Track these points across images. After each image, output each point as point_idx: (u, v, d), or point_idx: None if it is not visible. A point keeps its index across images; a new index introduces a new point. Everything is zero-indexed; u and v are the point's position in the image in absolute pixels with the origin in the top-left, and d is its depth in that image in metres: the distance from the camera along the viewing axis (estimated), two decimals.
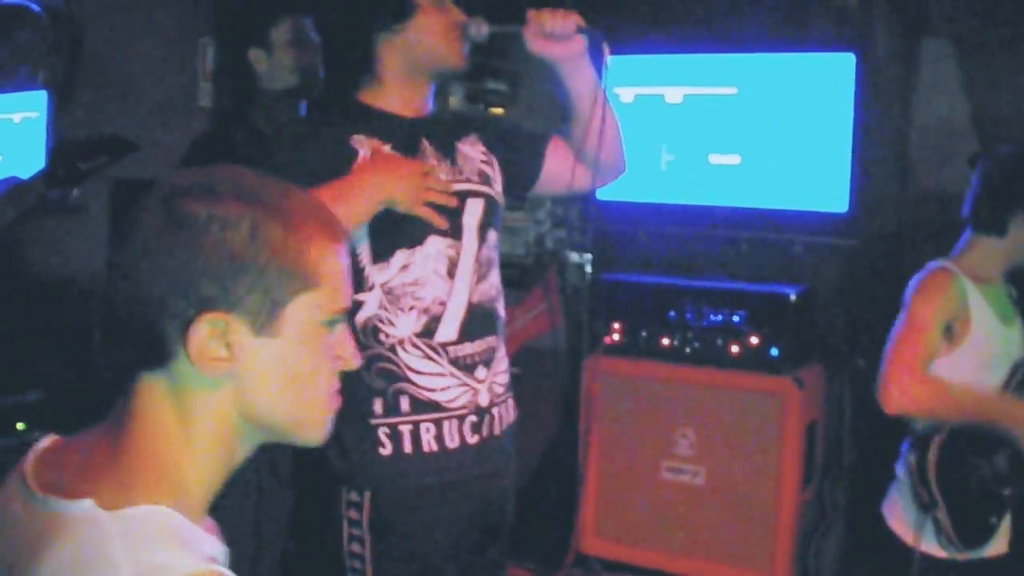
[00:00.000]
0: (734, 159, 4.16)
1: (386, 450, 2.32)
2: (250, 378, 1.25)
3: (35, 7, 4.18)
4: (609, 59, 2.37)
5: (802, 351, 4.04)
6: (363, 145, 2.34)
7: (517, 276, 4.28)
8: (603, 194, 4.12)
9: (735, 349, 3.97)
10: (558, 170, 2.60)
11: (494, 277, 2.49)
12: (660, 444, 4.04)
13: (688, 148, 4.23)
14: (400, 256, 2.32)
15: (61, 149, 2.58)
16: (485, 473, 2.44)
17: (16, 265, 4.10)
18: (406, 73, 2.40)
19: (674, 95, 4.25)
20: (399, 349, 2.32)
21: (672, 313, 4.07)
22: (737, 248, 4.33)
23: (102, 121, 4.06)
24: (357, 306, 2.31)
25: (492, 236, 2.49)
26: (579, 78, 2.47)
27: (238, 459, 1.31)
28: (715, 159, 4.19)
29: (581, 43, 2.41)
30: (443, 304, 2.35)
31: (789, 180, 4.07)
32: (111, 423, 1.28)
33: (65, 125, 4.06)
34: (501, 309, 2.51)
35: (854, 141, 3.94)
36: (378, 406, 2.33)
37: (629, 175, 2.72)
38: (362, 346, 2.28)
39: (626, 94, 4.28)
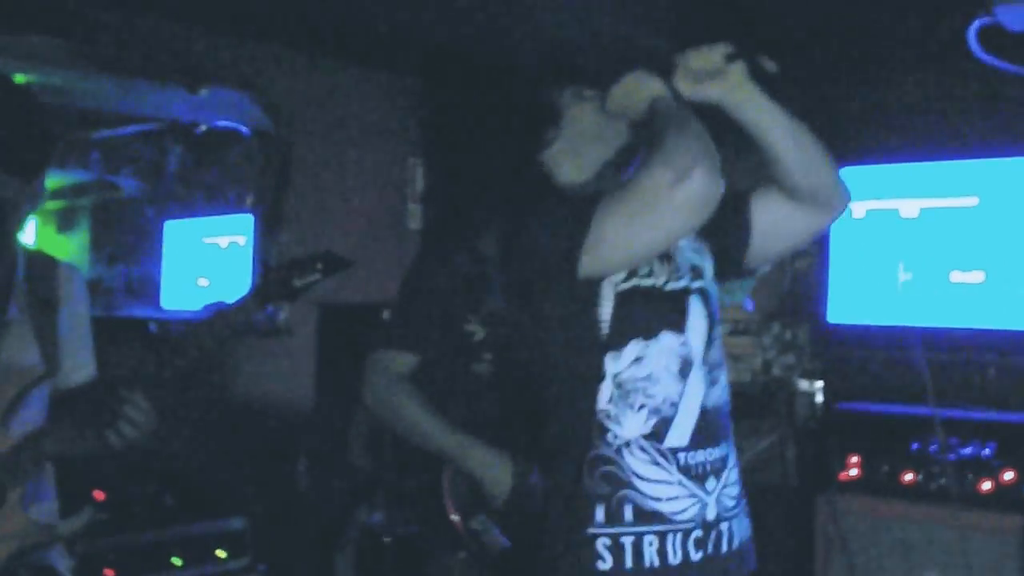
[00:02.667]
0: (978, 276, 3.99)
1: (605, 564, 2.19)
2: None
3: (244, 129, 4.20)
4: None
5: None
6: None
7: (743, 405, 4.11)
8: (835, 317, 3.93)
9: (986, 486, 3.75)
10: (771, 224, 2.41)
11: (724, 381, 2.36)
12: None
13: (926, 265, 4.07)
14: (634, 347, 2.21)
15: (275, 265, 2.52)
16: None
17: (221, 387, 4.08)
18: (583, 173, 2.36)
19: (909, 208, 4.10)
20: (625, 452, 2.21)
21: (915, 445, 3.88)
22: (984, 373, 4.15)
23: (309, 244, 4.03)
24: None
25: (718, 336, 2.37)
26: (750, 108, 2.27)
27: None
28: (957, 277, 4.02)
29: (737, 72, 2.24)
30: (675, 406, 2.23)
31: None
32: None
33: (271, 249, 4.05)
34: (731, 417, 2.38)
35: None
36: (600, 514, 2.20)
37: (863, 296, 2.52)
38: (588, 445, 2.20)
39: (857, 209, 4.14)
